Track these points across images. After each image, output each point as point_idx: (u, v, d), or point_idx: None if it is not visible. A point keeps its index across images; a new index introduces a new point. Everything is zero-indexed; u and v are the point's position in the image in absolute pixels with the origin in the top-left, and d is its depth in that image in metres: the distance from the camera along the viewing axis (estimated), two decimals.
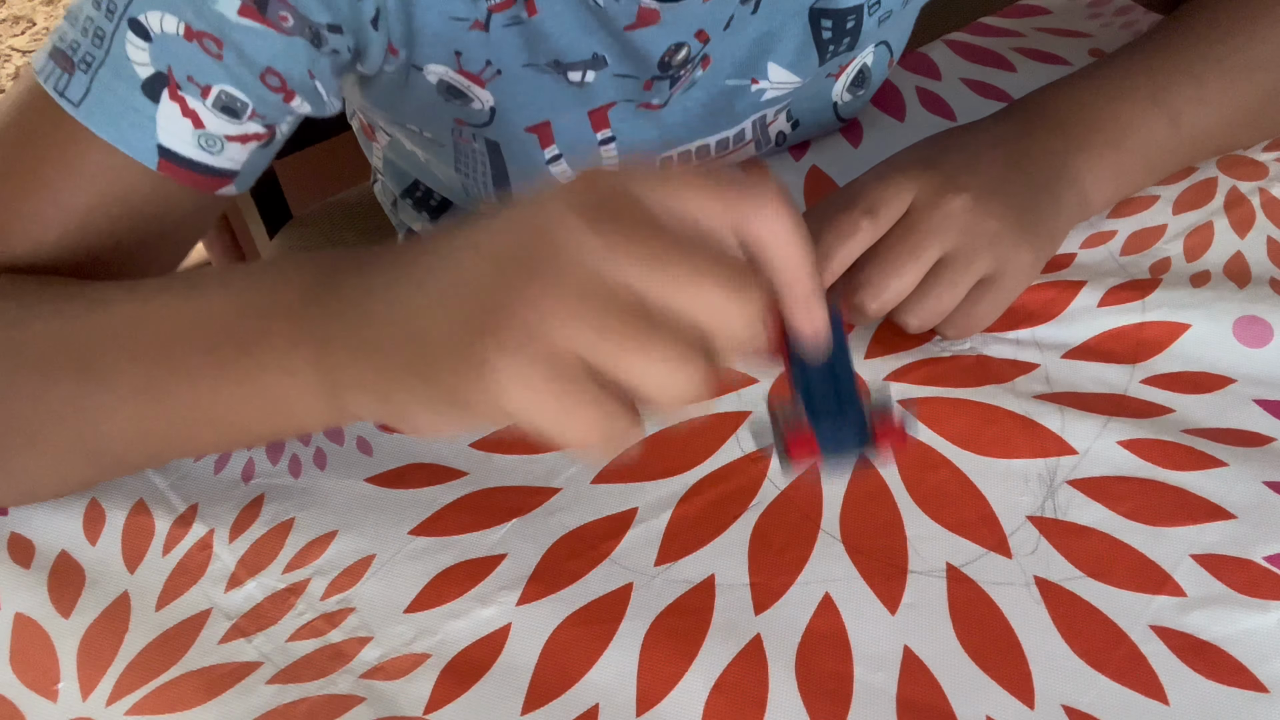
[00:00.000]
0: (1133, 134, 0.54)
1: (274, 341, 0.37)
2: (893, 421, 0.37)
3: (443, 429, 0.34)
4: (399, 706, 0.41)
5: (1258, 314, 0.52)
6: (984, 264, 0.49)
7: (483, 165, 0.60)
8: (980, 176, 0.50)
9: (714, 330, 0.30)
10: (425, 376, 0.32)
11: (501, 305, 0.30)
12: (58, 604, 0.44)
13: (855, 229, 0.48)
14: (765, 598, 0.43)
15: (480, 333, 0.30)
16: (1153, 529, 0.45)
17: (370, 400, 0.35)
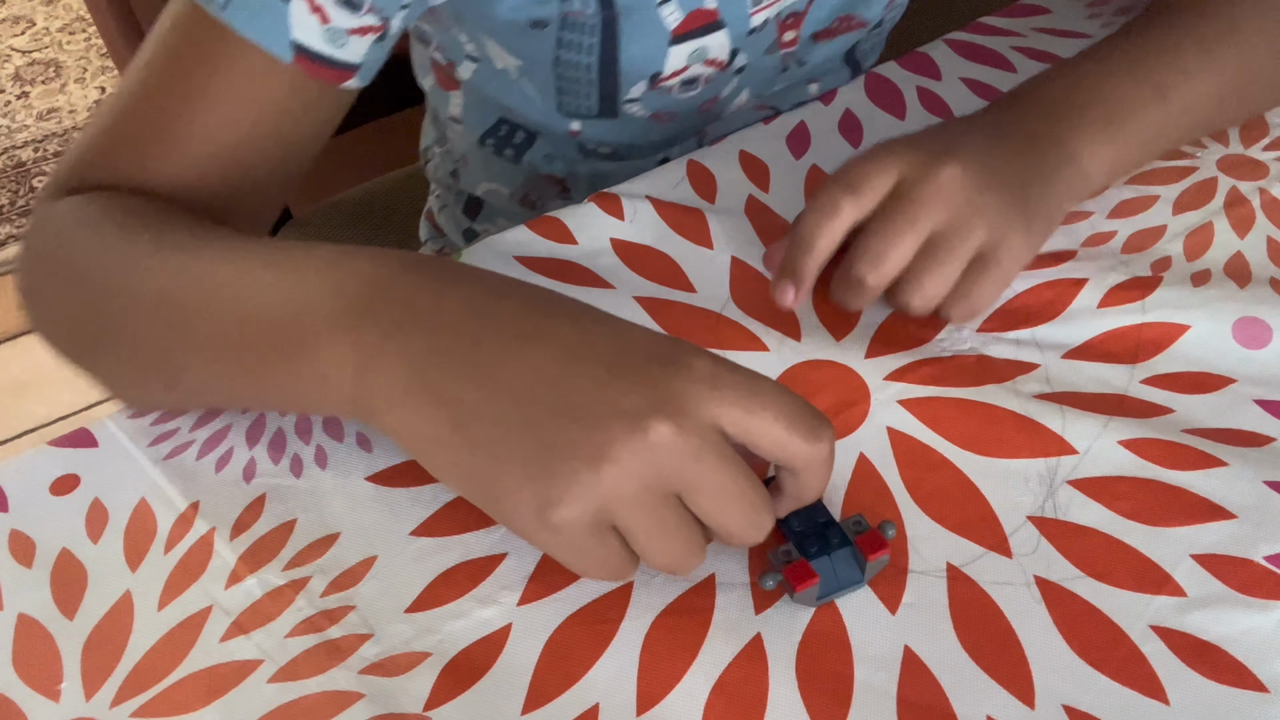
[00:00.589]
0: (1124, 109, 0.54)
1: (319, 339, 0.40)
2: (876, 536, 0.43)
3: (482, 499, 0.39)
4: (399, 703, 0.41)
5: (1258, 315, 0.52)
6: (979, 236, 0.49)
7: (590, 40, 0.60)
8: (968, 152, 0.50)
9: (728, 540, 0.39)
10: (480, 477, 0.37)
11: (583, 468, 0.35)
12: (61, 604, 0.44)
13: (835, 207, 0.49)
14: (765, 597, 0.43)
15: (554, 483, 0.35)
16: (1153, 529, 0.45)
17: (401, 440, 0.39)
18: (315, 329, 0.40)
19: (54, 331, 0.52)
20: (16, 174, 1.95)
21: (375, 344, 0.38)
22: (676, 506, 0.37)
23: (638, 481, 0.35)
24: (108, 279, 0.48)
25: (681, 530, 0.37)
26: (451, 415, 0.37)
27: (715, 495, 0.37)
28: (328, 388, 0.40)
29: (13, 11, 2.36)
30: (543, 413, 0.36)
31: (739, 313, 0.54)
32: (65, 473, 0.49)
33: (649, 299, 0.54)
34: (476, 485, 0.37)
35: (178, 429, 0.50)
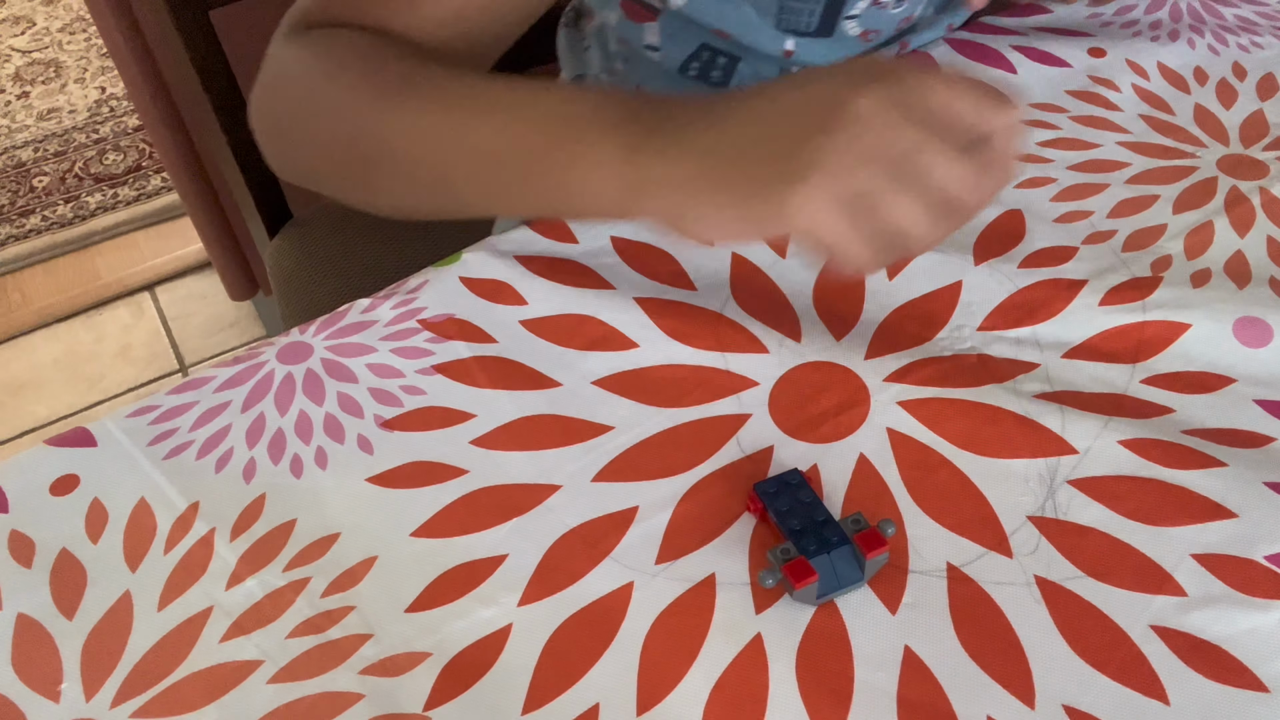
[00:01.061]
0: None
1: (592, 139, 0.46)
2: (875, 534, 0.43)
3: (725, 238, 0.45)
4: (399, 703, 0.41)
5: (1258, 314, 0.52)
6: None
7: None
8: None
9: (962, 198, 0.42)
10: (733, 191, 0.43)
11: (819, 146, 0.41)
12: (60, 604, 0.44)
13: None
14: (765, 597, 0.43)
15: (796, 164, 0.41)
16: (1153, 528, 0.45)
17: (667, 204, 0.45)
18: (586, 134, 0.47)
19: (302, 162, 0.56)
20: (16, 174, 1.95)
21: (639, 138, 0.46)
22: (906, 170, 0.41)
23: (876, 139, 0.41)
24: (380, 109, 0.51)
25: (927, 189, 0.41)
26: (707, 151, 0.44)
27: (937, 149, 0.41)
28: (600, 180, 0.47)
29: (13, 11, 2.36)
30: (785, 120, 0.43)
31: (739, 311, 0.54)
32: (65, 473, 0.49)
33: (649, 299, 0.54)
34: (740, 204, 0.43)
35: (177, 429, 0.50)
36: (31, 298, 1.73)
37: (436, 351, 0.53)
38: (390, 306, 0.55)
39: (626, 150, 0.46)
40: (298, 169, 0.57)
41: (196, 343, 1.61)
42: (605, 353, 0.52)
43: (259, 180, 0.92)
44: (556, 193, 0.49)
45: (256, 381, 0.52)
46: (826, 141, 0.41)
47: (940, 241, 0.43)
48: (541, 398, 0.51)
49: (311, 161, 0.56)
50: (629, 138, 0.46)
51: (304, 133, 0.55)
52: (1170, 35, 0.70)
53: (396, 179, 0.53)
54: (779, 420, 0.50)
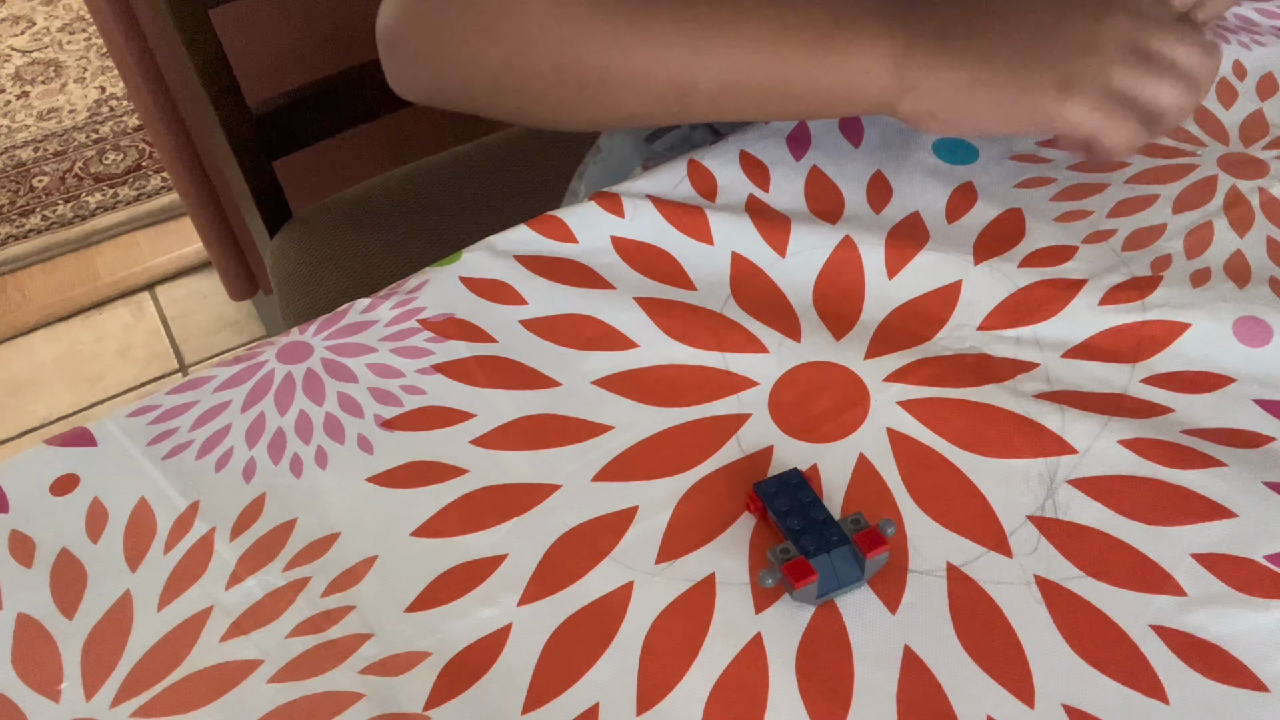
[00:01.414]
0: None
1: (862, 40, 0.50)
2: (874, 534, 0.43)
3: (984, 132, 0.52)
4: (398, 703, 0.41)
5: (1258, 314, 0.52)
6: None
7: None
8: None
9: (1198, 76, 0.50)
10: (1003, 94, 0.49)
11: (1081, 65, 0.49)
12: (60, 604, 0.44)
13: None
14: (765, 597, 0.43)
15: (1062, 74, 0.49)
16: (1153, 528, 0.45)
17: (934, 105, 0.51)
18: (856, 33, 0.50)
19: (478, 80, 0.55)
20: (16, 174, 1.95)
21: (906, 37, 0.50)
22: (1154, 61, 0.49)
23: (1125, 49, 0.49)
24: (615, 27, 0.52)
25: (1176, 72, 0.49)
26: (980, 61, 0.50)
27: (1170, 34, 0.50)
28: (870, 78, 0.50)
29: (13, 11, 2.36)
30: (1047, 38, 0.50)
31: (739, 311, 0.54)
32: (65, 473, 0.49)
33: (649, 299, 0.54)
34: (1014, 98, 0.49)
35: (177, 429, 0.50)
36: (31, 297, 1.73)
37: (436, 351, 0.53)
38: (390, 306, 0.55)
39: (896, 56, 0.50)
40: (462, 88, 0.55)
41: (196, 343, 1.61)
42: (605, 352, 0.52)
43: (259, 179, 0.92)
44: (818, 98, 0.52)
45: (256, 381, 0.52)
46: (1092, 56, 0.48)
47: (1189, 114, 0.50)
48: (541, 397, 0.51)
49: (497, 80, 0.54)
50: (898, 39, 0.50)
51: (501, 43, 0.53)
52: None
53: (628, 97, 0.53)
54: (779, 420, 0.50)
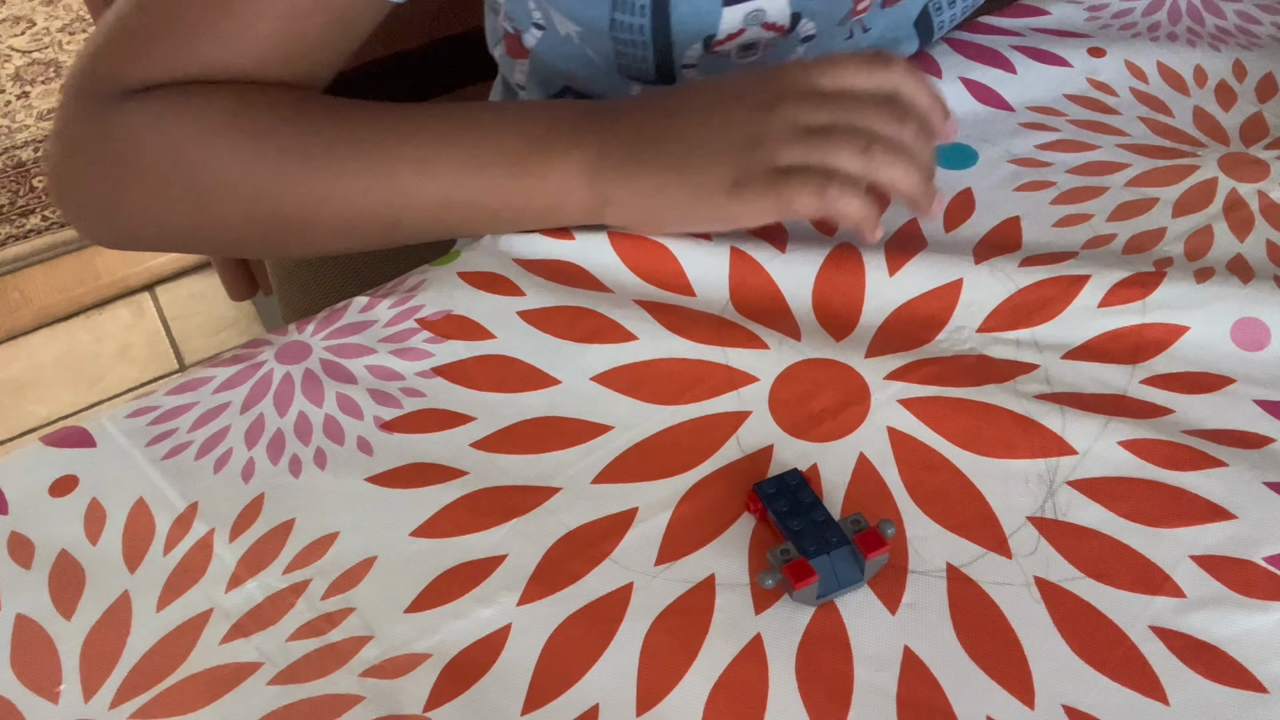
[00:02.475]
0: None
1: (554, 159, 0.51)
2: (874, 535, 0.43)
3: (683, 229, 0.54)
4: (399, 705, 0.41)
5: (1257, 315, 0.52)
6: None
7: (641, 1, 0.61)
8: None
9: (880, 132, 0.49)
10: (684, 194, 0.50)
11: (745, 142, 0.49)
12: (59, 605, 0.44)
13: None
14: (765, 597, 0.43)
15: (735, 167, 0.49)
16: (1152, 530, 0.45)
17: (630, 215, 0.52)
18: (548, 152, 0.51)
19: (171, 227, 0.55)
20: (16, 174, 1.95)
21: (597, 151, 0.51)
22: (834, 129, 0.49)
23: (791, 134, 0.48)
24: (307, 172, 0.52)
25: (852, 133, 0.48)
26: (661, 167, 0.51)
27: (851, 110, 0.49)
28: (568, 194, 0.52)
29: (13, 11, 2.36)
30: (718, 138, 0.50)
31: (738, 316, 0.54)
32: (64, 473, 0.49)
33: (650, 302, 0.54)
34: (693, 201, 0.50)
35: (176, 429, 0.50)
36: (31, 298, 1.73)
37: (435, 353, 0.53)
38: (389, 305, 0.55)
39: (588, 172, 0.51)
40: (155, 242, 0.56)
41: (196, 343, 1.61)
42: (604, 345, 0.52)
43: None
44: (524, 217, 0.54)
45: (255, 382, 0.52)
46: (759, 151, 0.48)
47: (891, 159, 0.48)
48: (541, 399, 0.51)
49: (191, 234, 0.55)
50: (589, 153, 0.51)
51: (181, 201, 0.53)
52: (1169, 36, 0.70)
53: (329, 234, 0.54)
54: (779, 418, 0.50)
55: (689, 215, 0.52)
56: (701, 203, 0.50)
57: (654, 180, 0.51)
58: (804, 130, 0.49)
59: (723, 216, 0.51)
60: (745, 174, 0.49)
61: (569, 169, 0.51)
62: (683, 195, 0.51)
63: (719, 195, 0.49)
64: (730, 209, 0.50)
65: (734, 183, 0.49)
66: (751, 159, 0.49)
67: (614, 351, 0.52)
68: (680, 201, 0.51)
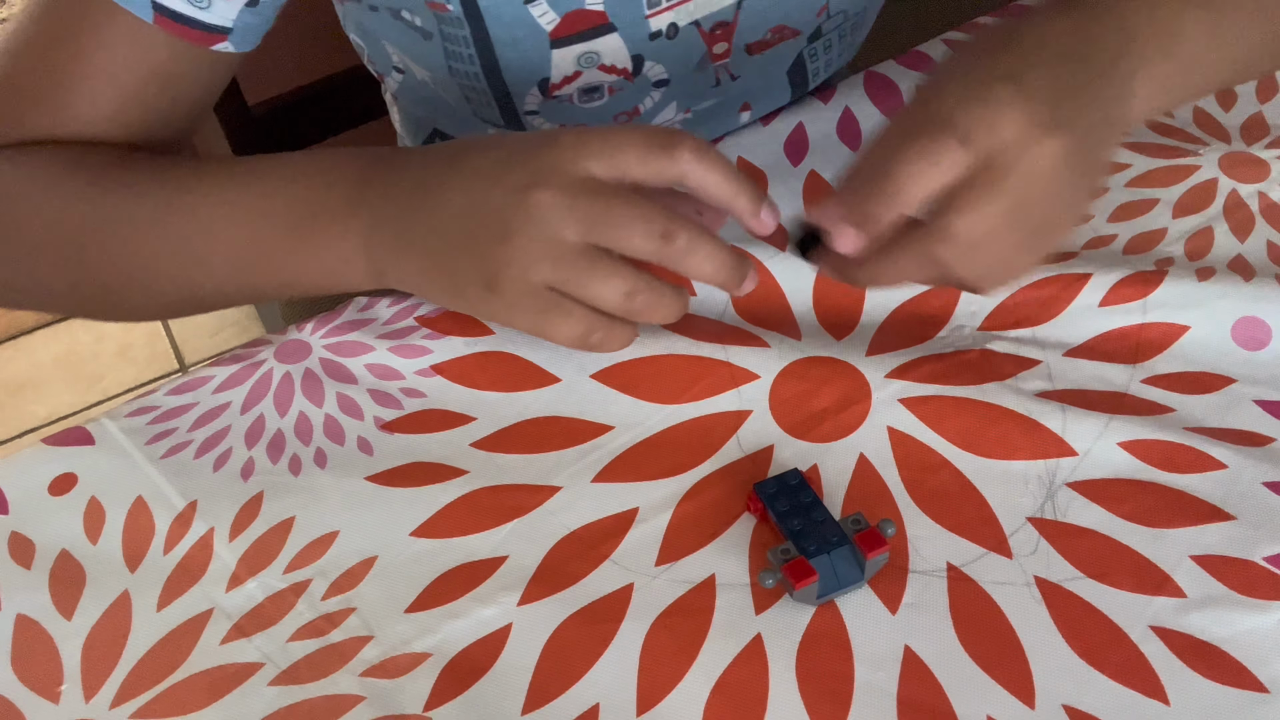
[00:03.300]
0: (1183, 43, 0.47)
1: (333, 230, 0.49)
2: (875, 534, 0.43)
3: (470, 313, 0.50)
4: (399, 704, 0.41)
5: (1259, 314, 0.52)
6: (1053, 221, 0.45)
7: (468, 50, 0.59)
8: (1064, 110, 0.43)
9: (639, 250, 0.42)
10: (448, 291, 0.47)
11: (499, 234, 0.43)
12: (60, 605, 0.44)
13: (942, 158, 0.42)
14: (765, 598, 0.43)
15: (489, 272, 0.44)
16: (1153, 530, 0.45)
17: (405, 285, 0.49)
18: (328, 222, 0.49)
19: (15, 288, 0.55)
20: None
21: (368, 224, 0.48)
22: (597, 253, 0.43)
23: (544, 242, 0.43)
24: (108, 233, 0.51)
25: (614, 270, 0.43)
26: (423, 251, 0.47)
27: (611, 226, 0.42)
28: (351, 266, 0.49)
29: (13, 12, 2.36)
30: (472, 225, 0.45)
31: (739, 319, 0.54)
32: (63, 472, 0.49)
33: None
34: (454, 293, 0.47)
35: (176, 428, 0.50)
36: None
37: (435, 349, 0.53)
38: (388, 304, 0.55)
39: (363, 245, 0.48)
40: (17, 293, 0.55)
41: (197, 343, 1.61)
42: None
43: None
44: (314, 284, 0.51)
45: (255, 381, 0.52)
46: (508, 248, 0.43)
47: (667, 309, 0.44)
48: (540, 398, 0.51)
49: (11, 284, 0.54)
50: (362, 223, 0.48)
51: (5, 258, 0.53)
52: None
53: (145, 297, 0.53)
54: (779, 417, 0.50)
55: (456, 304, 0.49)
56: (461, 297, 0.47)
57: (417, 264, 0.47)
58: (560, 241, 0.42)
59: (486, 314, 0.48)
60: (496, 275, 0.43)
61: (345, 244, 0.48)
62: (443, 285, 0.47)
63: (475, 289, 0.45)
64: (490, 308, 0.45)
65: (486, 283, 0.44)
66: (502, 257, 0.43)
67: None
68: (443, 290, 0.47)
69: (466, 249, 0.45)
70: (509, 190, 0.43)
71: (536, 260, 0.43)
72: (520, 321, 0.45)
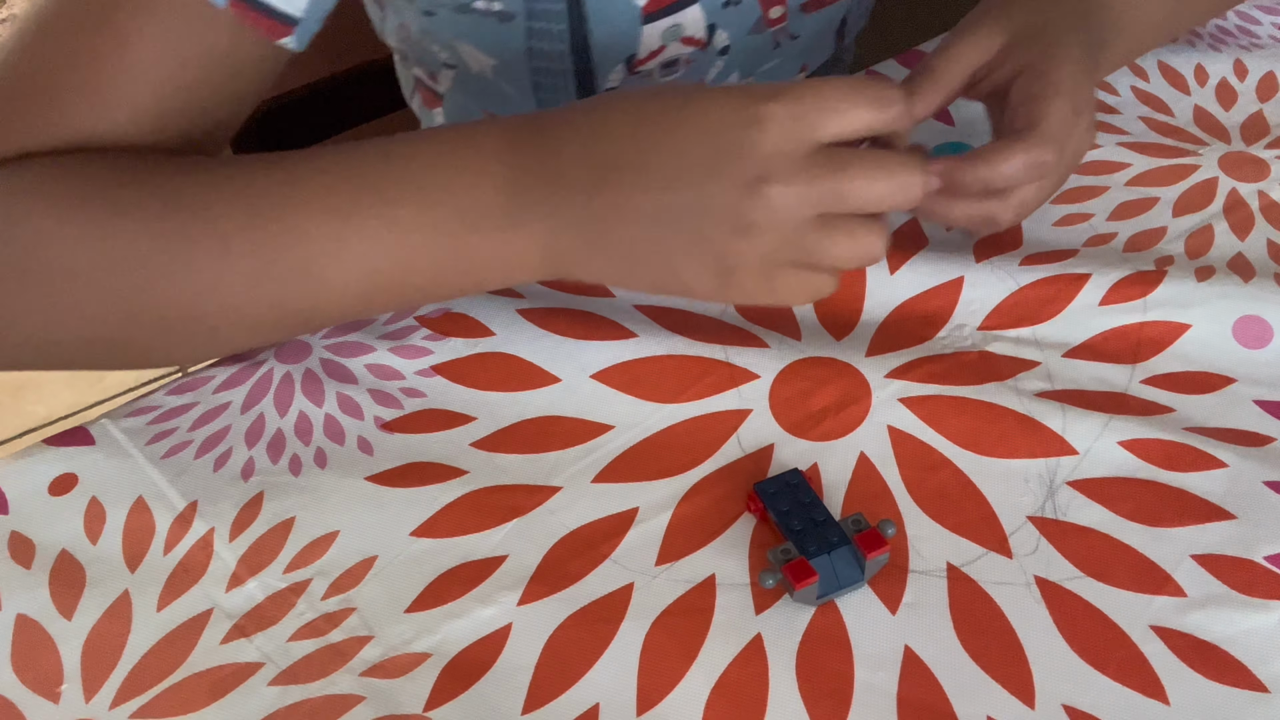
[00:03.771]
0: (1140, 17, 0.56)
1: (498, 241, 0.45)
2: (875, 535, 0.43)
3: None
4: (399, 704, 0.41)
5: (1259, 313, 0.52)
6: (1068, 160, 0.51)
7: (559, 27, 0.59)
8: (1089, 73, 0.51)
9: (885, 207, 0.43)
10: (656, 275, 0.45)
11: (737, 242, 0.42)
12: (60, 605, 0.44)
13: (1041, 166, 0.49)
14: (765, 598, 0.43)
15: (720, 259, 0.43)
16: (1153, 529, 0.45)
17: (591, 278, 0.46)
18: (489, 233, 0.45)
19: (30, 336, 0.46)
20: None
21: (547, 233, 0.45)
22: (831, 219, 0.43)
23: (785, 229, 0.42)
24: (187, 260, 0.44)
25: (848, 233, 0.43)
26: (623, 249, 0.45)
27: (848, 199, 0.42)
28: (521, 270, 0.46)
29: (13, 12, 2.36)
30: (694, 221, 0.43)
31: (739, 319, 0.54)
32: (63, 472, 0.49)
33: (650, 306, 0.54)
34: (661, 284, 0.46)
35: (176, 428, 0.50)
36: None
37: (435, 350, 0.53)
38: None
39: (540, 252, 0.45)
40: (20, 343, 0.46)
41: None
42: (604, 341, 0.52)
43: None
44: (463, 291, 0.48)
45: (255, 381, 0.52)
46: (749, 241, 0.42)
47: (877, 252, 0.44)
48: (540, 398, 0.51)
49: (41, 332, 0.46)
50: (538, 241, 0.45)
51: (32, 300, 0.44)
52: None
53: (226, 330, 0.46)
54: (779, 416, 0.50)
55: (663, 292, 0.47)
56: (674, 287, 0.46)
57: (614, 263, 0.45)
58: (800, 223, 0.42)
59: (709, 298, 0.47)
60: (737, 262, 0.43)
61: (513, 249, 0.45)
62: (651, 277, 0.45)
63: (704, 280, 0.44)
64: (721, 294, 0.45)
65: (718, 274, 0.44)
66: (741, 250, 0.43)
67: (614, 348, 0.52)
68: (650, 283, 0.46)
69: (691, 245, 0.43)
70: (737, 185, 0.42)
71: (777, 247, 0.43)
72: (753, 298, 0.45)
